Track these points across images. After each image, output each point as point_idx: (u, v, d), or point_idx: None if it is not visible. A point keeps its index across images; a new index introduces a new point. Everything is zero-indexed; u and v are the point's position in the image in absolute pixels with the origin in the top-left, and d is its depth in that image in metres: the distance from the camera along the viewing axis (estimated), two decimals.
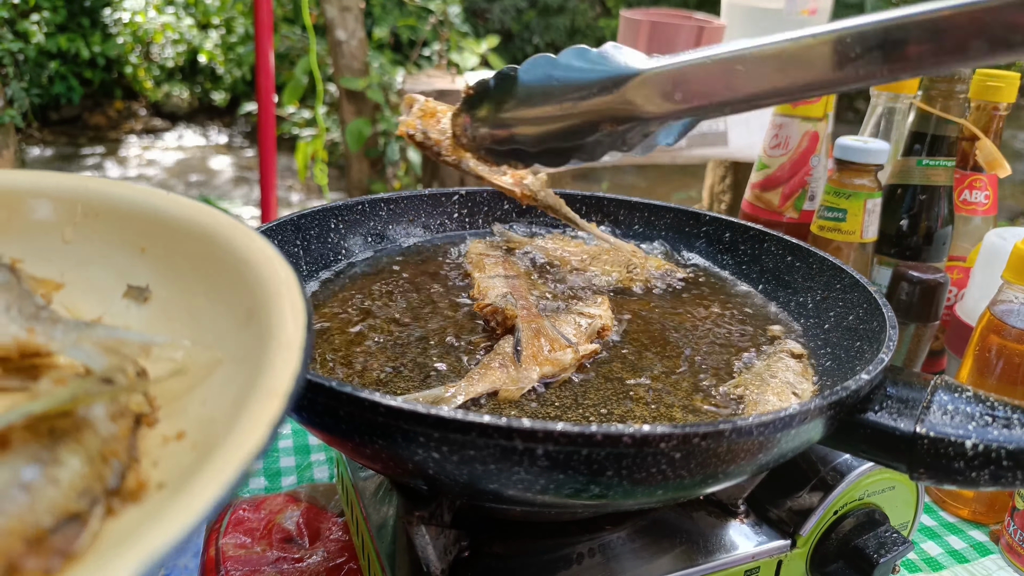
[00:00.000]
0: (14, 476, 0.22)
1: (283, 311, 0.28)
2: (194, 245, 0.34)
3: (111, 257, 0.35)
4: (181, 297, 0.33)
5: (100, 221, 0.35)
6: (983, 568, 0.57)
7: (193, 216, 0.34)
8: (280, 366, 0.25)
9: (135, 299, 0.34)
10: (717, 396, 0.44)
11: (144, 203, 0.35)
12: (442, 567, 0.39)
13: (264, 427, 0.22)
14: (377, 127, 2.86)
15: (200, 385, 0.29)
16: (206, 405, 0.28)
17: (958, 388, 0.37)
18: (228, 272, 0.31)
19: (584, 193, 0.69)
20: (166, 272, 0.34)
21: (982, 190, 0.74)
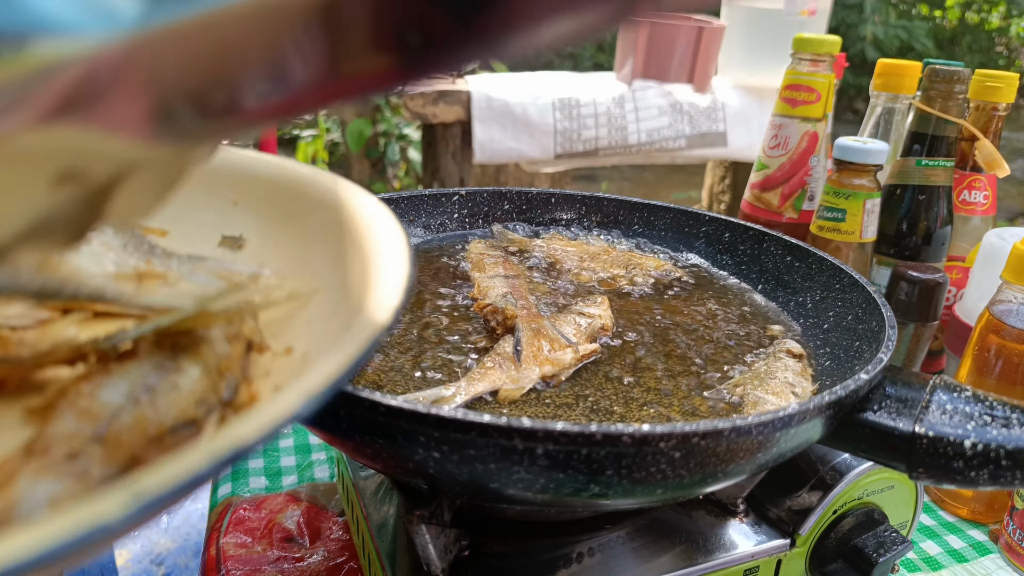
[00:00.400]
0: (142, 380, 0.24)
1: (384, 244, 0.29)
2: (284, 196, 0.36)
3: (205, 210, 0.37)
4: (274, 244, 0.35)
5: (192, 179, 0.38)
6: (982, 568, 0.57)
7: (278, 169, 0.37)
8: (388, 286, 0.26)
9: (230, 247, 0.36)
10: (716, 396, 0.44)
11: (234, 162, 0.38)
12: (442, 566, 0.39)
13: (372, 328, 0.23)
14: (377, 127, 2.86)
15: (303, 310, 0.31)
16: (311, 325, 0.30)
17: (957, 388, 0.37)
18: (322, 219, 0.34)
19: (584, 193, 0.69)
20: (259, 222, 0.36)
21: (981, 190, 0.74)
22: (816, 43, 0.74)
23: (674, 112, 1.68)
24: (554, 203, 0.69)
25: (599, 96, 1.67)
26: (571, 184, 2.75)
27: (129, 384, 0.24)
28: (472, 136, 1.64)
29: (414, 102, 1.64)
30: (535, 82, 1.74)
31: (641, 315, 0.54)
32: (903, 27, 4.22)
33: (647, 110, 1.68)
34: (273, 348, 0.30)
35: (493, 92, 1.63)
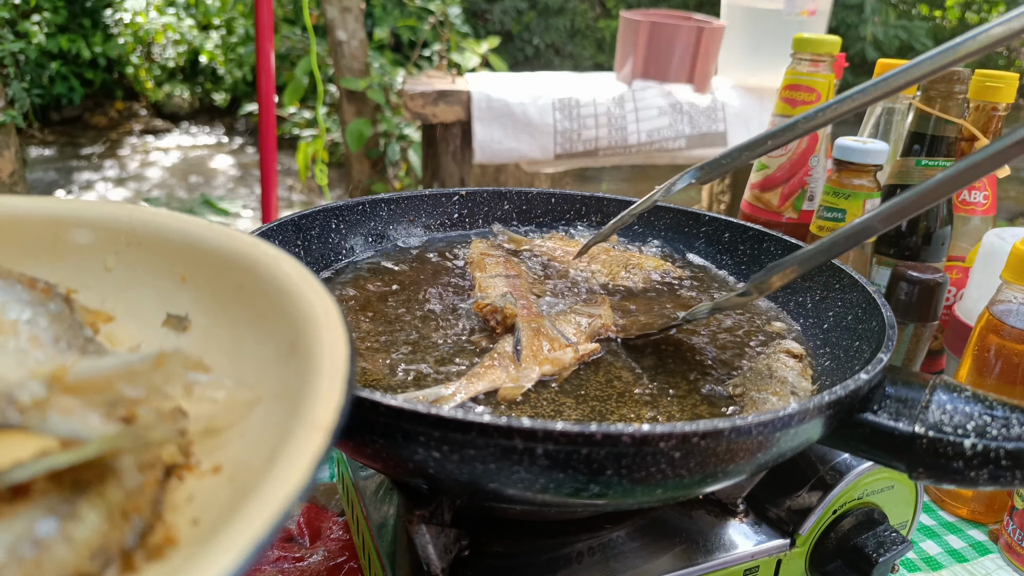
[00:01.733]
0: (28, 530, 0.21)
1: (326, 343, 0.27)
2: (235, 275, 0.33)
3: (152, 285, 0.35)
4: (221, 327, 0.33)
5: (143, 250, 0.36)
6: (982, 567, 0.57)
7: (234, 245, 0.34)
8: (323, 398, 0.24)
9: (174, 328, 0.34)
10: (716, 396, 0.44)
11: (186, 232, 0.35)
12: (442, 566, 0.39)
13: (307, 462, 0.21)
14: (378, 127, 2.86)
15: (241, 421, 0.28)
16: (245, 438, 0.27)
17: (957, 388, 0.37)
18: (270, 302, 0.31)
19: (584, 193, 0.69)
20: (207, 301, 0.34)
21: (981, 190, 0.74)
22: (816, 43, 0.74)
23: (674, 112, 1.68)
24: (554, 203, 0.69)
25: (599, 96, 1.67)
26: (571, 184, 2.75)
27: (12, 537, 0.21)
28: (472, 136, 1.64)
29: (414, 102, 1.64)
30: (535, 82, 1.74)
31: (641, 315, 0.54)
32: (903, 27, 4.22)
33: (647, 110, 1.68)
34: (200, 467, 0.27)
35: (493, 92, 1.63)
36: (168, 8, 4.91)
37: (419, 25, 3.66)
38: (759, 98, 1.74)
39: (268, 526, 0.19)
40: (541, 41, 4.58)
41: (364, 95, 2.78)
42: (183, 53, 5.04)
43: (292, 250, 0.55)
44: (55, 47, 4.58)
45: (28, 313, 0.30)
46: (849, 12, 4.12)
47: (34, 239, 0.36)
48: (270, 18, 1.68)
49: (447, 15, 2.90)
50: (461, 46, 3.02)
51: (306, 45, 3.66)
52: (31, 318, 0.30)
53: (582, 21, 4.66)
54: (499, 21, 4.50)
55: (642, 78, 1.70)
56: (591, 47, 4.70)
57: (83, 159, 4.45)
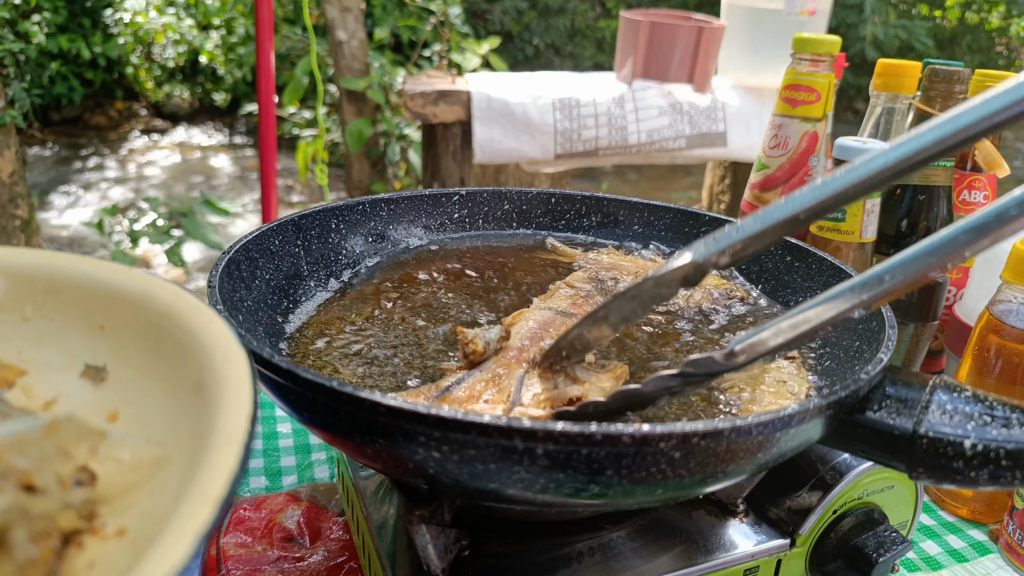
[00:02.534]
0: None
1: (229, 400, 0.26)
2: (153, 324, 0.32)
3: (71, 335, 0.34)
4: (138, 377, 0.32)
5: (62, 298, 0.35)
6: (982, 567, 0.57)
7: (154, 293, 0.33)
8: (217, 465, 0.23)
9: (92, 379, 0.33)
10: (715, 396, 0.44)
11: (105, 280, 0.34)
12: (442, 566, 0.39)
13: (188, 540, 0.21)
14: (377, 127, 2.86)
15: (149, 481, 0.27)
16: (153, 499, 0.26)
17: (957, 388, 0.37)
18: (184, 354, 0.30)
19: (584, 193, 0.69)
20: (125, 350, 0.33)
21: (981, 190, 0.74)
22: (816, 43, 0.74)
23: (674, 112, 1.68)
24: (554, 203, 0.69)
25: (599, 96, 1.67)
26: (571, 184, 2.75)
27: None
28: (472, 136, 1.64)
29: (414, 102, 1.64)
30: (535, 82, 1.74)
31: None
32: (903, 27, 4.22)
33: (647, 110, 1.68)
34: (104, 531, 0.26)
35: (493, 92, 1.63)
36: (168, 8, 4.91)
37: (419, 25, 3.66)
38: (759, 98, 1.74)
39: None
40: (541, 41, 4.58)
41: (364, 95, 2.79)
42: (183, 53, 5.04)
43: (292, 250, 0.55)
44: (55, 47, 4.58)
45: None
46: (849, 12, 4.12)
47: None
48: (270, 18, 1.68)
49: (447, 15, 2.90)
50: (461, 46, 3.02)
51: (306, 45, 3.66)
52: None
53: (582, 21, 4.66)
54: (499, 21, 4.50)
55: (642, 78, 1.70)
56: (591, 47, 4.70)
57: (83, 159, 4.45)
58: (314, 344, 0.47)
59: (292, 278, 0.54)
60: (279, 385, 0.35)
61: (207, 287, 0.43)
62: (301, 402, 0.35)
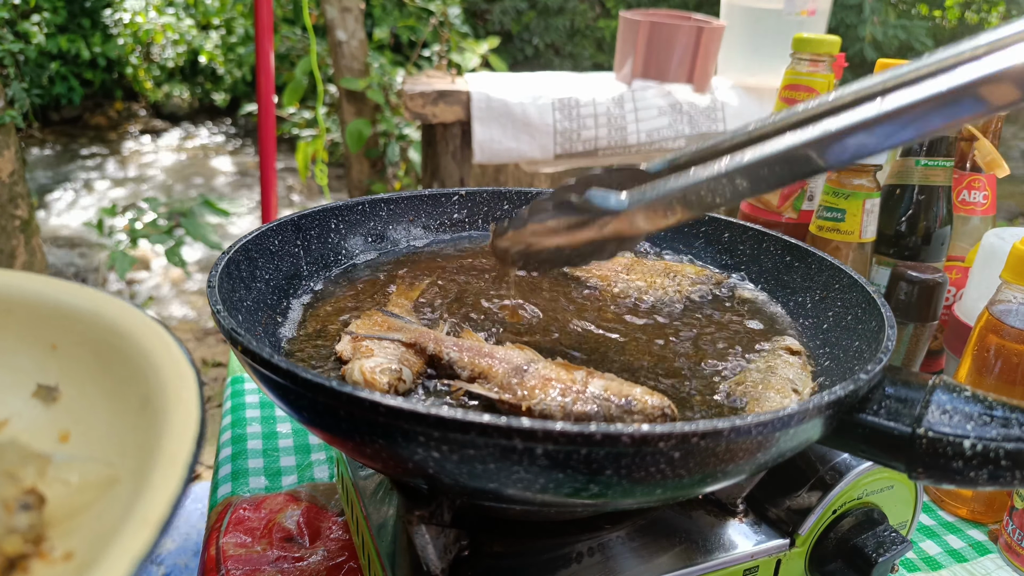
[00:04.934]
0: None
1: (176, 419, 0.26)
2: (104, 342, 0.32)
3: (22, 354, 0.34)
4: (89, 396, 0.32)
5: (12, 317, 0.34)
6: (982, 567, 0.57)
7: (105, 311, 0.33)
8: (160, 487, 0.23)
9: (44, 399, 0.33)
10: (717, 395, 0.44)
11: (57, 299, 0.34)
12: (442, 566, 0.39)
13: (127, 564, 0.21)
14: (377, 127, 2.86)
15: (97, 502, 0.27)
16: (100, 520, 0.26)
17: (956, 388, 0.37)
18: (134, 373, 0.30)
19: None
20: (77, 369, 0.33)
21: (981, 190, 0.74)
22: (815, 43, 0.74)
23: (674, 112, 1.68)
24: None
25: (599, 96, 1.67)
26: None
27: None
28: (472, 136, 1.64)
29: (414, 102, 1.64)
30: (535, 82, 1.74)
31: (642, 316, 0.54)
32: (902, 27, 4.22)
33: (647, 110, 1.68)
34: (52, 554, 0.25)
35: (493, 92, 1.63)
36: (167, 8, 4.91)
37: (419, 25, 3.66)
38: (759, 98, 1.74)
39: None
40: (541, 41, 4.58)
41: (364, 95, 2.78)
42: (182, 53, 5.04)
43: (292, 250, 0.55)
44: (55, 47, 4.58)
45: None
46: (848, 12, 4.12)
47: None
48: (270, 18, 1.68)
49: (447, 15, 2.90)
50: (461, 46, 3.02)
51: (306, 45, 3.66)
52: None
53: (582, 21, 4.66)
54: (499, 21, 4.50)
55: (642, 78, 1.70)
56: (591, 47, 4.70)
57: (83, 159, 4.45)
58: (314, 344, 0.47)
59: (292, 278, 0.54)
60: (279, 385, 0.35)
61: (207, 287, 0.43)
62: (301, 402, 0.35)
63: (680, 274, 0.59)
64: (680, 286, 0.57)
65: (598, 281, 0.59)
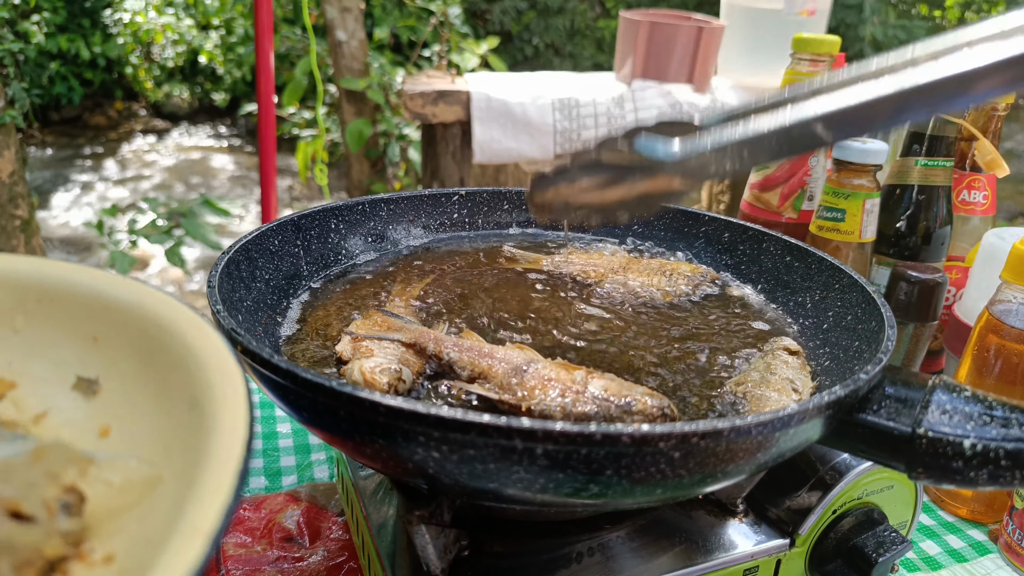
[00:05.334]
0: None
1: (225, 421, 0.25)
2: (148, 336, 0.31)
3: (63, 346, 0.33)
4: (131, 392, 0.31)
5: (54, 308, 0.34)
6: (982, 567, 0.57)
7: (149, 304, 0.32)
8: (210, 495, 0.22)
9: (84, 392, 0.32)
10: (718, 395, 0.44)
11: (100, 290, 0.33)
12: (442, 566, 0.39)
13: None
14: (377, 127, 2.86)
15: (139, 503, 0.26)
16: (143, 523, 0.25)
17: (956, 388, 0.37)
18: (179, 369, 0.29)
19: None
20: (119, 363, 0.32)
21: (980, 190, 0.74)
22: (815, 43, 0.74)
23: (674, 112, 1.68)
24: None
25: (599, 96, 1.67)
26: None
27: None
28: (472, 136, 1.64)
29: (414, 102, 1.64)
30: (535, 82, 1.74)
31: (640, 314, 0.54)
32: (903, 27, 4.22)
33: (647, 110, 1.68)
34: (92, 557, 0.25)
35: (493, 92, 1.63)
36: (167, 8, 4.91)
37: (419, 25, 3.66)
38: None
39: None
40: (541, 41, 4.58)
41: (364, 95, 2.78)
42: (182, 53, 5.04)
43: (292, 250, 0.55)
44: (54, 47, 4.58)
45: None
46: (848, 12, 4.12)
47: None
48: (269, 18, 1.68)
49: (447, 15, 2.90)
50: (461, 46, 3.02)
51: (306, 45, 3.65)
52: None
53: (582, 21, 4.66)
54: (499, 21, 4.50)
55: (642, 78, 1.70)
56: (591, 47, 4.70)
57: (83, 159, 4.45)
58: (314, 344, 0.47)
59: (292, 278, 0.54)
60: (279, 385, 0.35)
61: (207, 287, 0.43)
62: (301, 402, 0.35)
63: (676, 272, 0.59)
64: (677, 285, 0.58)
65: (596, 280, 0.59)
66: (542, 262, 0.61)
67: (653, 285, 0.58)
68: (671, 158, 0.38)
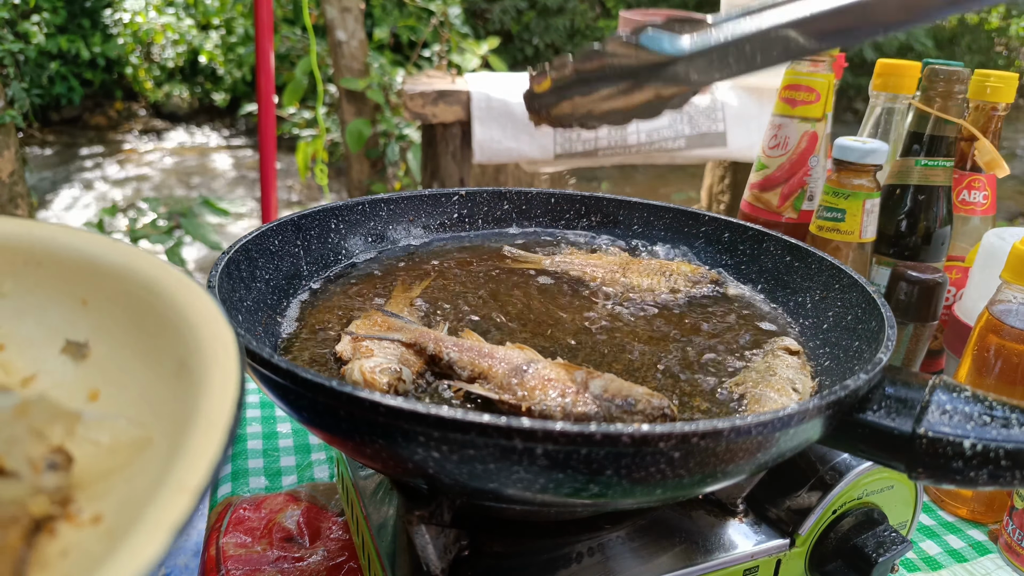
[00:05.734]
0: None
1: (215, 381, 0.25)
2: (138, 299, 0.31)
3: (51, 309, 0.33)
4: (121, 354, 0.31)
5: (43, 270, 0.33)
6: (982, 567, 0.57)
7: (139, 267, 0.32)
8: (198, 452, 0.22)
9: (73, 356, 0.32)
10: (718, 395, 0.44)
11: (89, 252, 0.33)
12: (442, 566, 0.39)
13: (164, 532, 0.20)
14: (377, 127, 2.86)
15: (128, 465, 0.26)
16: (131, 484, 0.25)
17: (956, 388, 0.37)
18: (169, 331, 0.29)
19: (583, 194, 0.69)
20: (108, 326, 0.32)
21: (980, 190, 0.74)
22: None
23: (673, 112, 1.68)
24: (554, 203, 0.69)
25: None
26: (571, 184, 2.75)
27: None
28: (472, 136, 1.64)
29: (414, 102, 1.64)
30: None
31: (640, 314, 0.54)
32: None
33: None
34: (80, 517, 0.25)
35: (493, 92, 1.63)
36: (167, 8, 4.91)
37: (419, 25, 3.66)
38: (759, 98, 1.74)
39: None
40: (541, 41, 4.58)
41: (364, 95, 2.79)
42: (182, 53, 5.04)
43: (292, 250, 0.55)
44: (54, 47, 4.58)
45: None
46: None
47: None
48: (270, 18, 1.68)
49: (447, 15, 2.90)
50: (461, 46, 3.02)
51: (306, 45, 3.66)
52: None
53: (582, 21, 4.66)
54: (499, 21, 4.50)
55: None
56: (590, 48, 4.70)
57: (82, 159, 4.45)
58: (314, 344, 0.47)
59: (292, 278, 0.54)
60: (279, 385, 0.35)
61: (207, 287, 0.43)
62: (301, 402, 0.35)
63: (676, 273, 0.59)
64: (676, 285, 0.58)
65: (596, 281, 0.59)
66: (542, 262, 0.61)
67: (653, 285, 0.58)
68: (679, 52, 0.36)
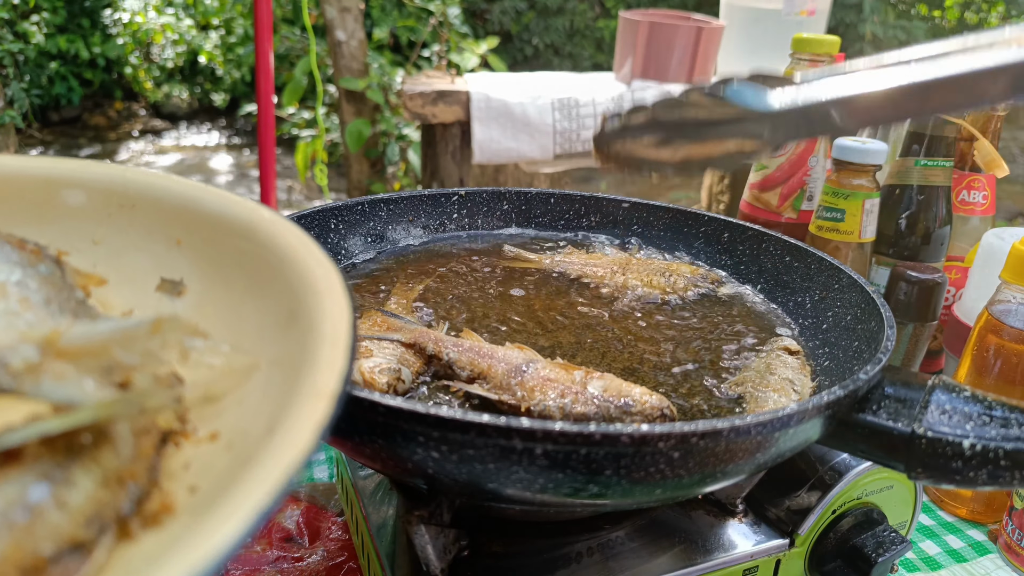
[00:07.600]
0: (20, 495, 0.20)
1: (327, 308, 0.26)
2: (233, 239, 0.32)
3: (146, 249, 0.34)
4: (217, 292, 0.32)
5: (136, 212, 0.35)
6: (981, 567, 0.57)
7: (232, 209, 0.33)
8: (326, 365, 0.23)
9: (169, 293, 0.33)
10: (717, 395, 0.44)
11: (181, 194, 0.34)
12: (442, 566, 0.39)
13: (311, 430, 0.21)
14: (377, 127, 2.85)
15: (238, 388, 0.27)
16: (243, 406, 0.26)
17: (956, 388, 0.37)
18: (268, 268, 0.30)
19: (583, 194, 0.69)
20: (202, 266, 0.33)
21: (980, 190, 0.74)
22: (815, 43, 0.74)
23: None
24: (553, 203, 0.69)
25: (598, 96, 1.67)
26: (571, 184, 2.75)
27: (4, 501, 0.20)
28: (471, 136, 1.64)
29: (413, 102, 1.64)
30: (534, 82, 1.74)
31: (640, 315, 0.54)
32: (902, 27, 4.22)
33: None
34: (196, 435, 0.26)
35: (492, 92, 1.63)
36: (167, 8, 4.91)
37: (418, 25, 3.66)
38: None
39: (271, 494, 0.19)
40: (540, 41, 4.58)
41: (363, 95, 2.78)
42: (182, 53, 5.04)
43: None
44: (54, 47, 4.58)
45: (18, 274, 0.29)
46: (848, 12, 4.12)
47: (24, 200, 0.35)
48: (269, 18, 1.68)
49: (446, 15, 2.90)
50: (460, 46, 3.02)
51: (305, 45, 3.65)
52: (21, 279, 0.29)
53: (581, 21, 4.66)
54: (498, 21, 4.50)
55: (641, 78, 1.70)
56: (590, 47, 4.70)
57: (82, 159, 4.45)
58: None
59: None
60: None
61: None
62: None
63: (676, 273, 0.59)
64: (676, 285, 0.58)
65: (596, 281, 0.59)
66: (542, 262, 0.61)
67: (653, 285, 0.58)
68: (766, 109, 0.35)
